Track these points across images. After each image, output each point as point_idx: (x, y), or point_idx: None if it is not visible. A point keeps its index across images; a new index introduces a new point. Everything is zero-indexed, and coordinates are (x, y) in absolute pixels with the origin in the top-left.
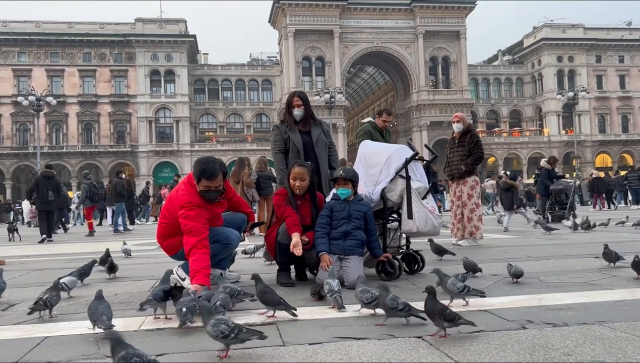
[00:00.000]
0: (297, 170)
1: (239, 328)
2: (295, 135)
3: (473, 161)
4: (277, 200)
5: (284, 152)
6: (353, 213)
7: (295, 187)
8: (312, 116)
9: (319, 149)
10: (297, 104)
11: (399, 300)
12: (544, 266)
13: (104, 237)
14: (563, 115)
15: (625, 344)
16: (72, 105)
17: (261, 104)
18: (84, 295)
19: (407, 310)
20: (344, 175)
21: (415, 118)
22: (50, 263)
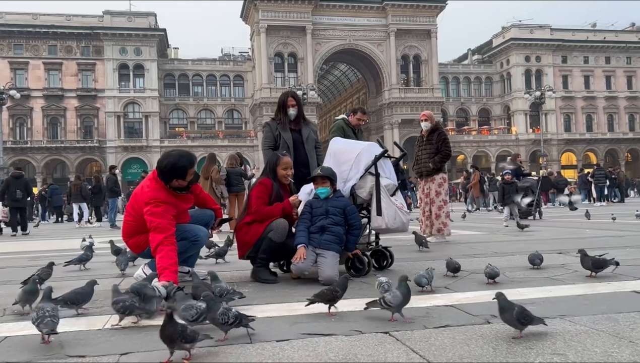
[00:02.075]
0: (286, 160)
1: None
2: (286, 133)
3: (441, 159)
4: (258, 190)
5: (274, 148)
6: (330, 209)
7: (287, 176)
8: (303, 116)
9: (309, 146)
10: (292, 104)
11: (230, 312)
12: (509, 262)
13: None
14: (530, 114)
15: (585, 337)
16: (37, 99)
17: (233, 100)
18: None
19: (239, 322)
20: (321, 174)
21: (386, 116)
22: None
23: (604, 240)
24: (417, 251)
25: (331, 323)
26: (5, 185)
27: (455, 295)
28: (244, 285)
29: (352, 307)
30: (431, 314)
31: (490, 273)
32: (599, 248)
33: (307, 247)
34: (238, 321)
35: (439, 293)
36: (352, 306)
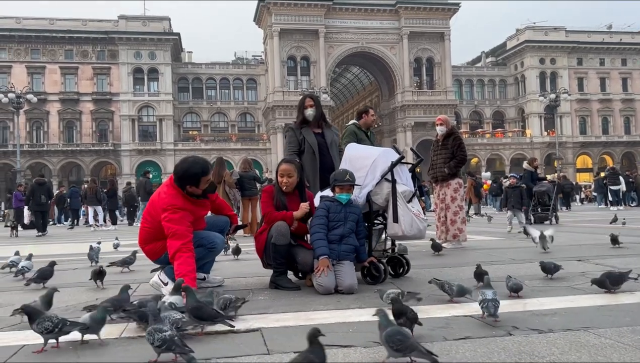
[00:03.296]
0: (283, 167)
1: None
2: (311, 137)
3: (456, 164)
4: (264, 198)
5: (298, 153)
6: (349, 215)
7: (282, 184)
8: (324, 118)
9: (333, 151)
10: (309, 104)
11: (157, 335)
12: (528, 269)
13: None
14: (545, 117)
15: (611, 351)
16: (53, 103)
17: (246, 103)
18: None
19: (167, 348)
20: (351, 181)
21: (399, 118)
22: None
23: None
24: (432, 256)
25: (349, 334)
26: (30, 191)
27: (475, 305)
28: (260, 293)
29: (369, 317)
30: (451, 325)
31: (513, 287)
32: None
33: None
34: (166, 346)
35: (458, 303)
36: (368, 316)
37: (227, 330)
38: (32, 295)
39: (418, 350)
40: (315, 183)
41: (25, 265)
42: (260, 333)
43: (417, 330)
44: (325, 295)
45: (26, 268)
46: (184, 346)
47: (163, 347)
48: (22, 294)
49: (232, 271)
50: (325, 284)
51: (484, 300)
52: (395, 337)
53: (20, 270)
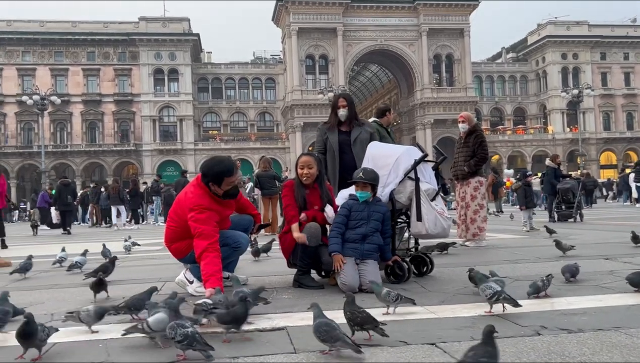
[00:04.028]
0: (302, 159)
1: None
2: (333, 136)
3: (476, 162)
4: (285, 192)
5: (324, 152)
6: (373, 214)
7: (302, 176)
8: (356, 117)
9: (356, 148)
10: (342, 105)
11: (179, 330)
12: (554, 268)
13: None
14: (567, 113)
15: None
16: (76, 104)
17: (265, 103)
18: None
19: (188, 344)
20: (364, 178)
21: (419, 116)
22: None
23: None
24: (456, 255)
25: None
26: (58, 192)
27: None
28: (284, 292)
29: (395, 316)
30: (477, 324)
31: (572, 271)
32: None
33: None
34: (188, 342)
35: (485, 303)
36: (395, 314)
37: (253, 329)
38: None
39: (342, 340)
40: (335, 182)
41: (79, 261)
42: (286, 332)
43: (444, 329)
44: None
45: (79, 263)
46: (205, 344)
47: (184, 343)
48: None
49: (255, 270)
50: (349, 282)
51: (496, 292)
52: (322, 328)
53: (74, 264)
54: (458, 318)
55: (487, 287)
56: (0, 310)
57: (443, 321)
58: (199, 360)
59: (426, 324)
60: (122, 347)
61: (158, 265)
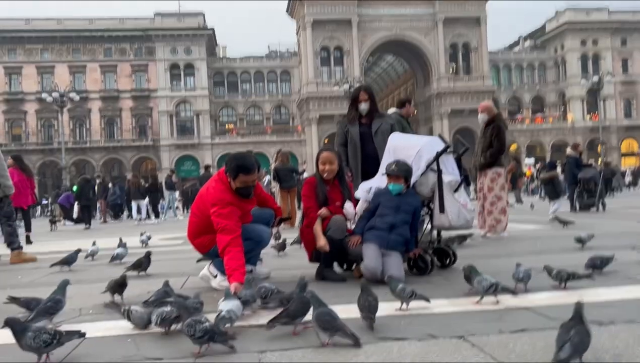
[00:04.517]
0: (324, 155)
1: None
2: (354, 128)
3: (492, 153)
4: (305, 189)
5: (345, 144)
6: (403, 205)
7: (323, 171)
8: (376, 110)
9: (378, 139)
10: (364, 98)
11: (199, 325)
12: (581, 259)
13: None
14: (587, 101)
15: None
16: (94, 101)
17: (280, 96)
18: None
19: (209, 338)
20: (396, 171)
21: (435, 106)
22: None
23: None
24: (477, 246)
25: (402, 326)
26: (80, 188)
27: (529, 296)
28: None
29: (420, 310)
30: (505, 317)
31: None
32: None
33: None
34: (209, 336)
35: (511, 295)
36: (419, 309)
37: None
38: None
39: (343, 330)
40: (357, 174)
41: (120, 252)
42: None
43: (471, 322)
44: (374, 287)
45: (120, 255)
46: (225, 334)
47: (205, 337)
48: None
49: (277, 263)
50: (371, 268)
51: (492, 284)
52: (324, 317)
53: (116, 256)
54: (485, 311)
55: (482, 279)
56: (52, 298)
57: (469, 314)
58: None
59: (452, 317)
60: (151, 341)
61: (180, 260)
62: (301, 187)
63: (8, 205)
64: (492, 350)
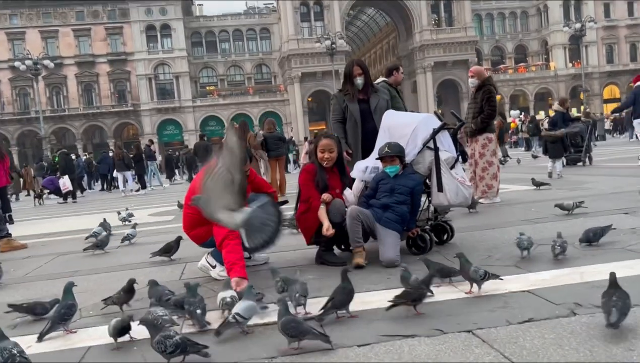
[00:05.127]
0: (324, 142)
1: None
2: (354, 105)
3: (483, 119)
4: (304, 178)
5: (342, 121)
6: (397, 187)
7: (323, 159)
8: (371, 84)
9: (377, 116)
10: (358, 73)
11: (168, 341)
12: (573, 227)
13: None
14: (570, 48)
15: None
16: (69, 67)
17: (261, 54)
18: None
19: (182, 351)
20: (390, 153)
21: (418, 59)
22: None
23: None
24: (469, 215)
25: (408, 320)
26: (63, 162)
27: (529, 276)
28: (308, 270)
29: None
30: (510, 304)
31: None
32: None
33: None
34: (181, 349)
35: (512, 274)
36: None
37: None
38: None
39: (311, 333)
40: (357, 152)
41: (130, 233)
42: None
43: (477, 311)
44: (374, 274)
45: (131, 235)
46: (196, 344)
47: (177, 351)
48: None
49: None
50: (387, 259)
51: (486, 272)
52: (290, 325)
53: (126, 237)
54: (490, 297)
55: (477, 268)
56: (64, 304)
57: (474, 302)
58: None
59: (458, 306)
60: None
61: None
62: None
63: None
64: (503, 346)
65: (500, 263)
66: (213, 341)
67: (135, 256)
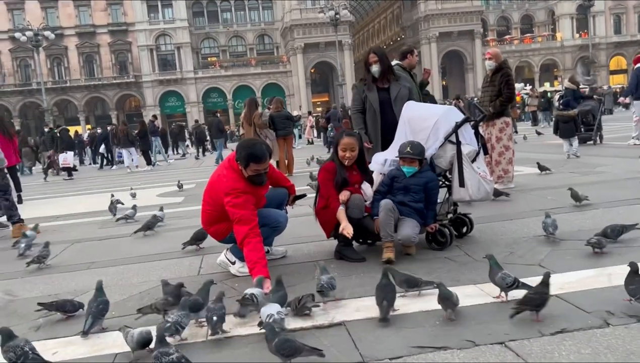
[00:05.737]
0: (346, 141)
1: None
2: (373, 94)
3: (502, 102)
4: (323, 177)
5: (362, 111)
6: (412, 186)
7: (344, 158)
8: (392, 72)
9: (397, 106)
10: (374, 60)
11: (165, 358)
12: (593, 220)
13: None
14: (577, 18)
15: None
16: (70, 38)
17: (263, 25)
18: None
19: None
20: (412, 153)
21: (423, 30)
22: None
23: None
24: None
25: (437, 329)
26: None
27: (556, 278)
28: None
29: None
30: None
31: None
32: None
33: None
34: None
35: (537, 276)
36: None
37: (310, 326)
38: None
39: (305, 350)
40: (377, 143)
41: (128, 214)
42: (345, 329)
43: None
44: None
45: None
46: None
47: None
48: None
49: (289, 234)
50: (405, 235)
51: (515, 279)
52: (284, 345)
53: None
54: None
55: (505, 275)
56: (101, 300)
57: (503, 308)
58: None
59: (487, 313)
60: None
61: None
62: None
63: (2, 178)
64: (538, 359)
65: (523, 262)
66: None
67: (152, 246)
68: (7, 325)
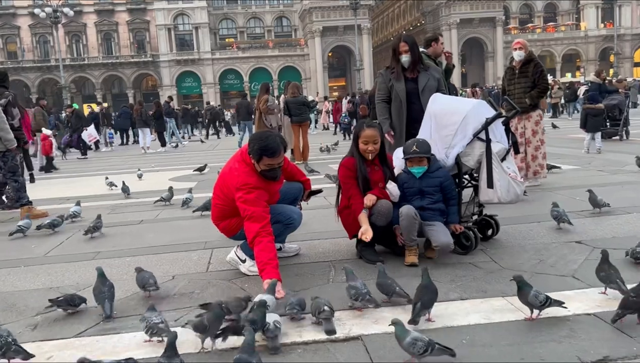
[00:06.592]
0: (367, 133)
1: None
2: (400, 84)
3: (538, 93)
4: (343, 174)
5: (387, 101)
6: (426, 189)
7: (367, 152)
8: (421, 61)
9: (424, 97)
10: (404, 50)
11: None
12: (629, 225)
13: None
14: (602, 7)
15: None
16: (89, 15)
17: (281, 6)
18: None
19: None
20: (419, 152)
21: (444, 16)
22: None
23: None
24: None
25: (466, 344)
26: (77, 119)
27: (591, 293)
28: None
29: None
30: (576, 331)
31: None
32: None
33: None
34: None
35: (571, 290)
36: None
37: (326, 339)
38: None
39: (438, 348)
40: (401, 135)
41: (164, 197)
42: (362, 345)
43: (542, 344)
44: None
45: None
46: None
47: None
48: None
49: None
50: (443, 242)
51: (544, 298)
52: (417, 343)
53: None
54: (552, 321)
55: (537, 293)
56: (108, 284)
57: (536, 327)
58: None
59: (519, 333)
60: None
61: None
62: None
63: (12, 159)
64: None
65: (555, 272)
66: None
67: (158, 236)
68: (4, 321)
